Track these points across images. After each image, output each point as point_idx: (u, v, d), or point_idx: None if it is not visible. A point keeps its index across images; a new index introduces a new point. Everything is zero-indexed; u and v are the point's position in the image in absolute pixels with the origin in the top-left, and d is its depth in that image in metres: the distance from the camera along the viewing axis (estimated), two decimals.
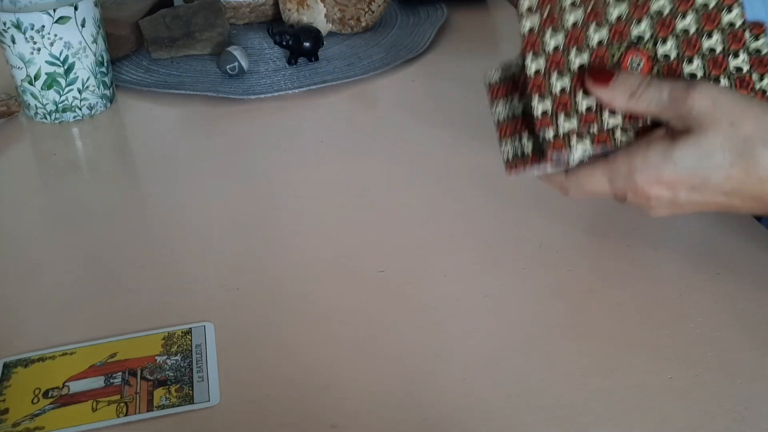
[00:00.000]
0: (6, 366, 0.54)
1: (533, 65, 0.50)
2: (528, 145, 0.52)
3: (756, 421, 0.48)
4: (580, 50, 0.49)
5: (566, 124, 0.49)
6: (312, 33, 0.95)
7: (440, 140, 0.79)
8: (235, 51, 0.91)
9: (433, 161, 0.76)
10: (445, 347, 0.54)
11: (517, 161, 0.53)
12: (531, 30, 0.50)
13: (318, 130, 0.83)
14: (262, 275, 0.62)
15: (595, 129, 0.49)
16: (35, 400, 0.51)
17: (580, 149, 0.49)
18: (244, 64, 0.91)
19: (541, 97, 0.49)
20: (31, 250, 0.66)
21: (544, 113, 0.49)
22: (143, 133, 0.86)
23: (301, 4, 1.01)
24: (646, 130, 0.49)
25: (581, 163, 0.50)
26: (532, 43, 0.50)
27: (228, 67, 0.91)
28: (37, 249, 0.66)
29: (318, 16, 1.01)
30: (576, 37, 0.49)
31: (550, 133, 0.49)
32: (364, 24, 1.02)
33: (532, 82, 0.50)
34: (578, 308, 0.57)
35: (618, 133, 0.49)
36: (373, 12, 1.02)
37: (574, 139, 0.49)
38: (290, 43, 0.94)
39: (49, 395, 0.52)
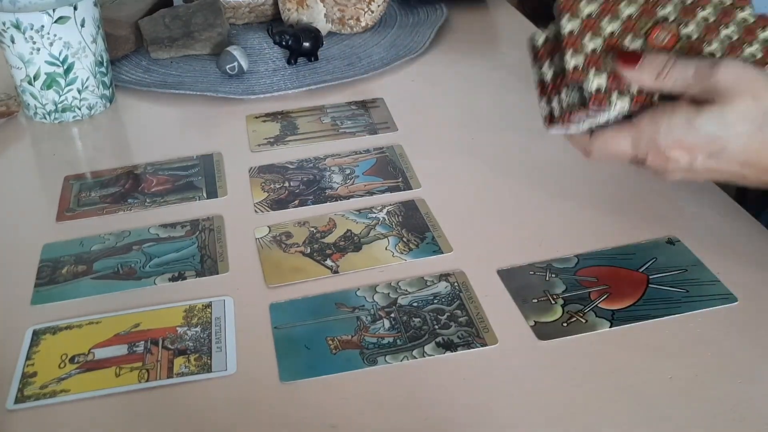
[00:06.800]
0: (36, 333, 0.57)
1: (568, 26, 0.53)
2: (566, 100, 0.55)
3: (756, 421, 0.48)
4: (612, 19, 0.53)
5: (596, 80, 0.52)
6: (312, 33, 0.95)
7: (440, 140, 0.79)
8: (235, 51, 0.91)
9: (432, 161, 0.75)
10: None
11: (553, 117, 0.56)
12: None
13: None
14: (261, 272, 0.62)
15: (634, 89, 0.52)
16: (62, 365, 0.54)
17: (618, 106, 0.52)
18: (244, 64, 0.91)
19: (575, 52, 0.53)
20: (31, 248, 0.66)
21: (575, 68, 0.53)
22: (143, 133, 0.86)
23: (300, 4, 1.01)
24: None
25: (606, 126, 0.54)
26: (569, 7, 0.53)
27: (227, 67, 0.91)
28: (37, 247, 0.67)
29: (318, 16, 1.01)
30: (608, 10, 0.53)
31: (593, 86, 0.52)
32: (364, 24, 1.02)
33: (566, 40, 0.53)
34: None
35: (656, 97, 0.52)
36: (372, 12, 1.02)
37: (614, 95, 0.52)
38: (290, 43, 0.94)
39: (75, 361, 0.55)
